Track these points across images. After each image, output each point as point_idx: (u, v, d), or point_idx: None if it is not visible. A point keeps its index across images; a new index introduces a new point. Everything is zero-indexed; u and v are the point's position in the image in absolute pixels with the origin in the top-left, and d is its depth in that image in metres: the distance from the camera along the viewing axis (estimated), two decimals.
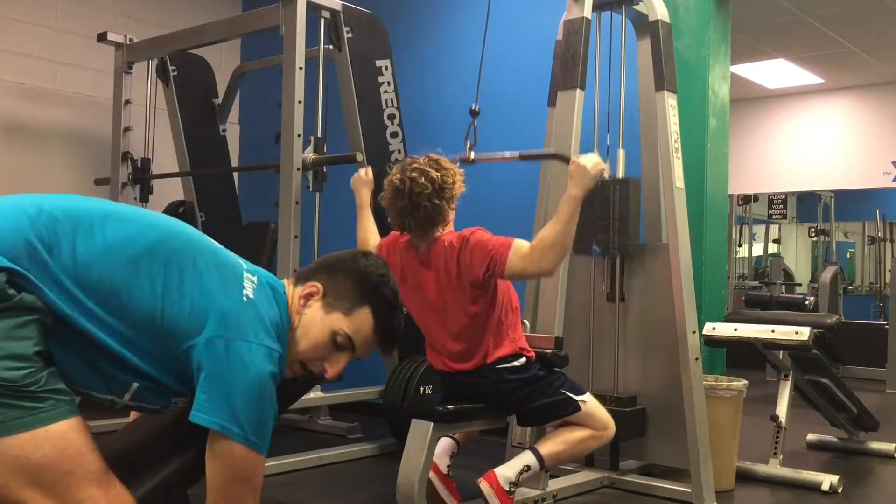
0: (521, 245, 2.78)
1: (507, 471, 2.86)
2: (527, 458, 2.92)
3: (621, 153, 3.65)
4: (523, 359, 2.95)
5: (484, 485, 2.82)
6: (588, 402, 3.02)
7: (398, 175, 2.90)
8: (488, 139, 3.73)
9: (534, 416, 3.03)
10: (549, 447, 2.96)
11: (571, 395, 2.98)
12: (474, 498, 2.97)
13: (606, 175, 2.96)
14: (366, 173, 3.42)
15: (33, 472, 1.56)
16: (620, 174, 3.64)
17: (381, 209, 4.25)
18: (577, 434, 2.99)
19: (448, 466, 3.00)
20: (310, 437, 4.66)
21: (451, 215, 2.96)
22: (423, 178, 2.83)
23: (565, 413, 2.97)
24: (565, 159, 3.04)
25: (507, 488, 2.83)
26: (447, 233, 2.95)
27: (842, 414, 4.35)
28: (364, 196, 3.38)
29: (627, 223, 3.57)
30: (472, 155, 3.11)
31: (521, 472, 2.89)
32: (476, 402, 2.98)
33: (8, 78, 5.21)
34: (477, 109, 3.15)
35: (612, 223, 3.59)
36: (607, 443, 3.15)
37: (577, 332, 3.72)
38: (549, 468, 3.05)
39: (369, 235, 3.27)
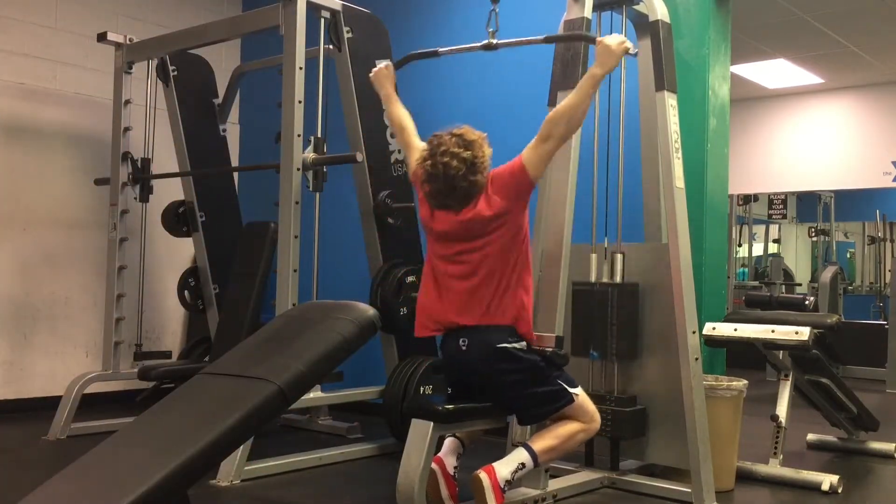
0: (529, 145, 2.95)
1: (503, 469, 2.88)
2: (521, 455, 2.93)
3: (619, 258, 3.63)
4: (524, 342, 2.96)
5: (483, 476, 2.82)
6: (580, 394, 3.06)
7: (429, 161, 2.93)
8: (489, 139, 3.73)
9: (531, 405, 3.02)
10: (541, 443, 2.98)
11: (567, 386, 3.02)
12: (471, 500, 2.97)
13: (633, 52, 3.03)
14: (387, 67, 3.47)
15: None
16: (618, 279, 3.62)
17: (380, 209, 4.28)
18: (567, 428, 3.02)
19: (455, 468, 3.00)
20: (310, 437, 4.67)
21: (486, 179, 2.98)
22: (455, 161, 2.89)
23: (561, 405, 3.00)
24: (591, 39, 3.15)
25: (502, 486, 2.85)
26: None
27: (842, 414, 4.35)
28: (388, 88, 3.45)
29: (626, 329, 3.56)
30: (495, 41, 3.26)
31: (516, 470, 2.91)
32: (471, 378, 2.99)
33: (8, 78, 5.21)
34: None
35: (609, 328, 3.58)
36: (593, 434, 3.18)
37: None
38: (542, 464, 3.05)
39: (405, 121, 3.34)
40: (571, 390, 3.03)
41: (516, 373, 2.94)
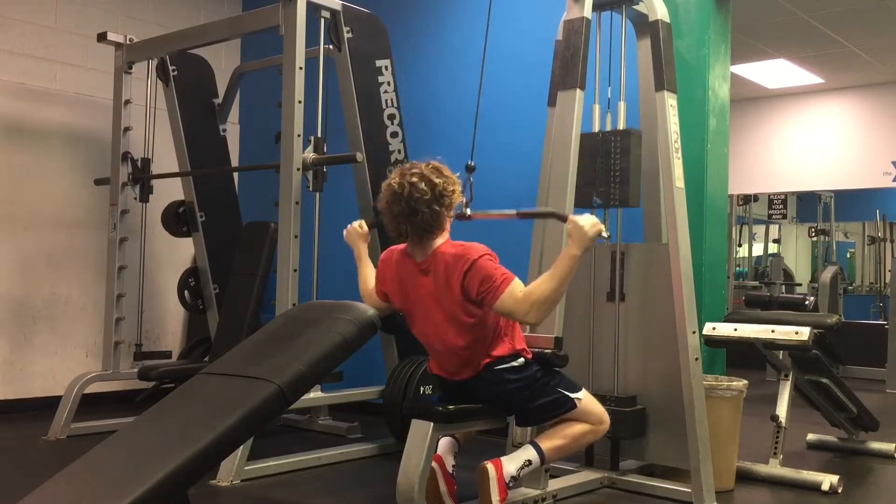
0: (516, 287, 2.78)
1: (510, 464, 2.88)
2: (528, 453, 2.94)
3: (622, 105, 3.64)
4: (521, 359, 2.96)
5: (490, 468, 2.82)
6: (584, 398, 3.06)
7: (397, 179, 2.88)
8: (489, 139, 3.74)
9: (532, 416, 3.06)
10: (549, 442, 2.98)
11: (567, 392, 3.02)
12: (471, 499, 2.97)
13: (605, 235, 2.93)
14: (360, 226, 3.36)
15: None
16: (621, 126, 3.63)
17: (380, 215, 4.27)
18: (575, 428, 3.02)
19: (453, 466, 3.00)
20: (310, 437, 4.67)
21: (448, 223, 2.95)
22: (423, 184, 2.83)
23: (562, 411, 3.01)
24: (562, 218, 3.04)
25: (507, 481, 2.85)
26: (446, 242, 2.94)
27: (842, 414, 4.34)
28: (361, 249, 3.33)
29: (629, 174, 3.55)
30: (469, 211, 3.10)
31: (522, 467, 2.91)
32: (475, 402, 2.99)
33: (8, 78, 5.21)
34: (473, 165, 3.13)
35: (612, 175, 3.58)
36: (602, 436, 3.18)
37: (576, 332, 3.72)
38: (549, 463, 3.06)
39: (369, 283, 3.24)
40: (573, 395, 3.02)
41: (515, 392, 2.95)
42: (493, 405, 3.02)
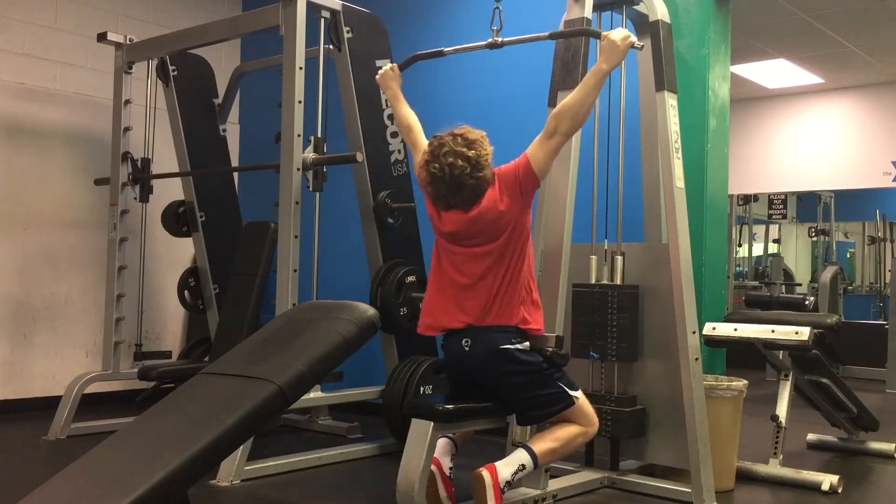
0: (532, 144, 2.96)
1: (504, 469, 2.87)
2: (522, 456, 2.93)
3: (619, 260, 3.63)
4: (528, 343, 2.96)
5: (486, 475, 2.82)
6: (580, 398, 3.06)
7: (435, 164, 2.91)
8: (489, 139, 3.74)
9: (531, 406, 3.03)
10: (541, 445, 2.98)
11: (567, 389, 3.02)
12: (469, 500, 2.97)
13: (638, 46, 3.02)
14: (392, 69, 3.49)
15: None
16: (618, 280, 3.62)
17: (380, 209, 4.28)
18: (567, 431, 3.03)
19: (450, 468, 3.00)
20: (310, 437, 4.67)
21: (491, 174, 2.98)
22: (459, 160, 2.88)
23: (560, 407, 3.00)
24: (596, 34, 3.14)
25: (502, 487, 2.85)
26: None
27: (842, 414, 4.34)
28: (395, 89, 3.46)
29: (626, 331, 3.55)
30: (500, 39, 3.27)
31: (516, 472, 2.90)
32: (473, 378, 2.99)
33: (8, 78, 5.21)
34: None
35: (610, 330, 3.58)
36: (591, 438, 3.20)
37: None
38: (541, 465, 3.05)
39: (411, 121, 3.36)
40: (572, 393, 3.03)
41: (518, 375, 2.95)
42: (490, 386, 3.00)
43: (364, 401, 4.49)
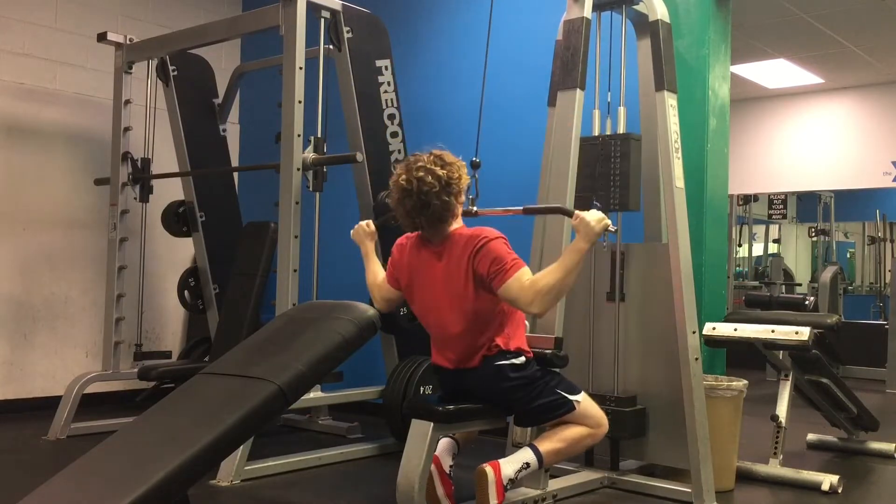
0: (524, 274, 2.80)
1: (508, 467, 2.88)
2: (527, 455, 2.94)
3: (622, 111, 3.64)
4: (522, 357, 2.97)
5: (489, 471, 2.82)
6: (583, 401, 3.05)
7: (404, 175, 2.91)
8: (489, 139, 3.74)
9: (530, 416, 3.06)
10: (547, 445, 2.98)
11: (567, 394, 3.02)
12: (469, 500, 2.97)
13: (612, 229, 2.99)
14: (367, 225, 3.38)
15: None
16: (621, 128, 3.64)
17: (380, 209, 4.28)
18: (574, 431, 3.02)
19: (451, 467, 3.00)
20: (310, 437, 4.67)
21: (459, 209, 2.99)
22: (429, 177, 2.86)
23: (560, 413, 3.01)
24: (568, 213, 3.07)
25: (505, 484, 2.85)
26: (460, 227, 2.99)
27: (842, 414, 4.34)
28: (368, 246, 3.35)
29: (629, 178, 3.55)
30: (475, 208, 3.19)
31: (520, 470, 2.91)
32: (475, 400, 3.00)
33: (8, 78, 5.21)
34: (478, 162, 3.19)
35: (612, 179, 3.58)
36: (601, 439, 3.18)
37: (577, 332, 3.72)
38: (547, 466, 3.06)
39: (378, 279, 3.27)
40: (572, 398, 3.02)
41: (516, 390, 2.95)
42: (492, 403, 3.02)
43: (364, 401, 4.49)
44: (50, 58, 5.37)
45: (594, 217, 2.88)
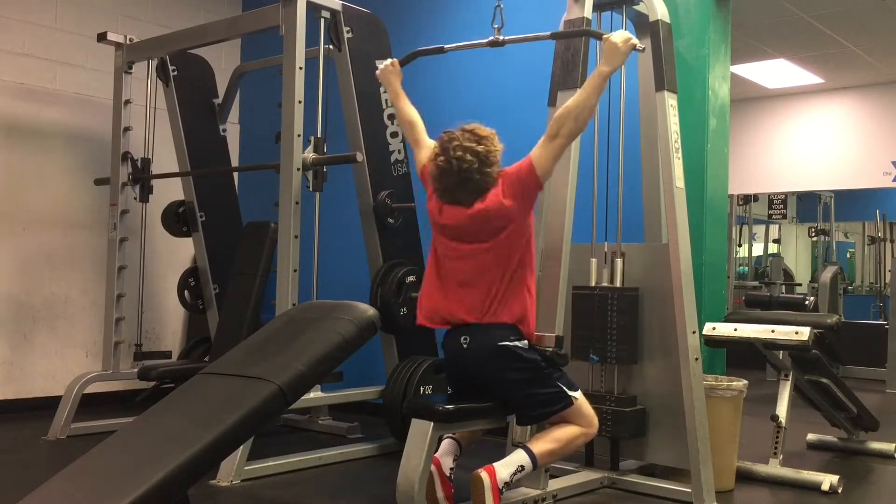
0: (536, 146, 2.97)
1: (503, 470, 2.87)
2: (521, 457, 2.92)
3: (619, 263, 3.63)
4: (526, 342, 2.97)
5: (484, 476, 2.82)
6: (579, 398, 3.05)
7: (442, 157, 2.95)
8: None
9: (530, 405, 3.02)
10: (541, 446, 2.97)
11: (566, 389, 3.01)
12: (468, 501, 2.97)
13: (640, 48, 3.02)
14: (393, 64, 3.47)
15: None
16: (618, 283, 3.62)
17: (380, 209, 4.28)
18: (566, 431, 3.02)
19: (451, 469, 2.99)
20: (310, 437, 4.67)
21: (497, 170, 3.01)
22: (468, 155, 2.91)
23: (559, 407, 2.99)
24: (597, 35, 3.14)
25: (501, 488, 2.84)
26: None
27: (842, 414, 4.34)
28: (396, 85, 3.44)
29: (627, 333, 3.55)
30: (501, 37, 3.26)
31: (515, 473, 2.89)
32: (473, 376, 2.99)
33: (8, 78, 5.21)
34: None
35: (609, 333, 3.58)
36: (591, 439, 3.19)
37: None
38: (541, 466, 3.04)
39: (413, 118, 3.35)
40: (571, 393, 3.02)
41: (517, 371, 2.95)
42: (490, 384, 2.99)
43: (364, 401, 4.49)
44: (50, 58, 5.37)
45: (621, 38, 2.96)
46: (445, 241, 3.04)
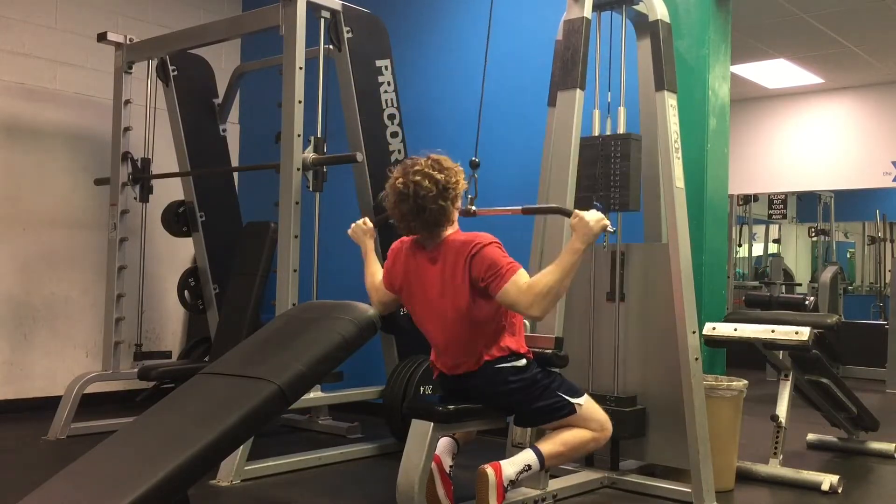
0: (521, 277, 2.79)
1: (509, 468, 2.87)
2: (528, 457, 2.93)
3: (622, 111, 3.64)
4: (524, 360, 2.97)
5: (490, 472, 2.81)
6: (585, 404, 3.04)
7: (401, 179, 2.91)
8: (489, 138, 3.74)
9: (530, 418, 3.06)
10: (549, 447, 2.97)
11: (567, 397, 3.01)
12: (469, 500, 2.97)
13: (610, 230, 2.98)
14: (364, 223, 3.39)
15: None
16: (621, 128, 3.64)
17: (380, 209, 4.27)
18: (576, 435, 3.01)
19: (451, 467, 3.00)
20: (310, 437, 4.67)
21: (456, 214, 2.99)
22: (426, 182, 2.86)
23: (560, 416, 3.00)
24: (567, 213, 3.06)
25: (506, 485, 2.84)
26: (455, 232, 2.98)
27: (842, 414, 4.34)
28: (368, 245, 3.34)
29: (629, 178, 3.55)
30: (474, 208, 3.16)
31: (521, 472, 2.90)
32: (474, 402, 3.00)
33: (8, 78, 5.21)
34: (477, 161, 3.17)
35: (613, 179, 3.57)
36: (605, 443, 3.16)
37: (577, 332, 3.72)
38: (548, 468, 3.06)
39: (376, 278, 3.26)
40: (573, 400, 3.00)
41: (515, 391, 2.95)
42: (492, 404, 3.02)
43: (364, 401, 4.49)
44: (50, 58, 5.37)
45: (593, 217, 2.86)
46: (421, 306, 3.03)
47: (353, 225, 3.39)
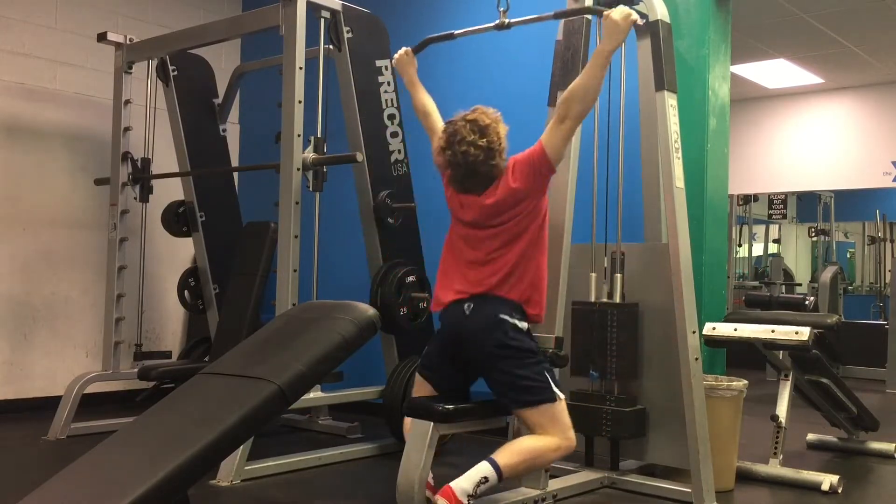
0: (546, 131, 3.00)
1: (464, 483, 2.77)
2: (484, 469, 2.82)
3: (619, 278, 3.62)
4: (526, 324, 2.96)
5: (441, 501, 2.72)
6: (562, 401, 2.97)
7: (448, 151, 2.99)
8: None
9: (512, 387, 2.93)
10: (506, 458, 2.86)
11: (552, 385, 2.94)
12: None
13: (640, 22, 3.04)
14: (406, 53, 3.52)
15: None
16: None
17: (380, 209, 4.28)
18: (536, 444, 2.91)
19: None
20: (310, 437, 4.67)
21: (505, 154, 3.04)
22: (472, 149, 2.94)
23: (542, 398, 2.90)
24: (598, 12, 3.17)
25: (465, 501, 2.74)
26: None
27: (842, 414, 4.34)
28: (411, 73, 3.50)
29: (626, 349, 3.54)
30: (507, 20, 3.30)
31: (478, 485, 2.78)
32: (462, 347, 2.97)
33: (8, 78, 5.21)
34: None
35: (609, 349, 3.57)
36: (566, 453, 2.99)
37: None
38: (507, 479, 2.92)
39: (428, 107, 3.40)
40: (556, 391, 2.94)
41: (509, 349, 2.89)
42: (477, 357, 2.96)
43: (364, 401, 4.49)
44: (50, 58, 5.37)
45: (620, 14, 2.96)
46: (461, 228, 3.09)
47: (396, 55, 3.53)
